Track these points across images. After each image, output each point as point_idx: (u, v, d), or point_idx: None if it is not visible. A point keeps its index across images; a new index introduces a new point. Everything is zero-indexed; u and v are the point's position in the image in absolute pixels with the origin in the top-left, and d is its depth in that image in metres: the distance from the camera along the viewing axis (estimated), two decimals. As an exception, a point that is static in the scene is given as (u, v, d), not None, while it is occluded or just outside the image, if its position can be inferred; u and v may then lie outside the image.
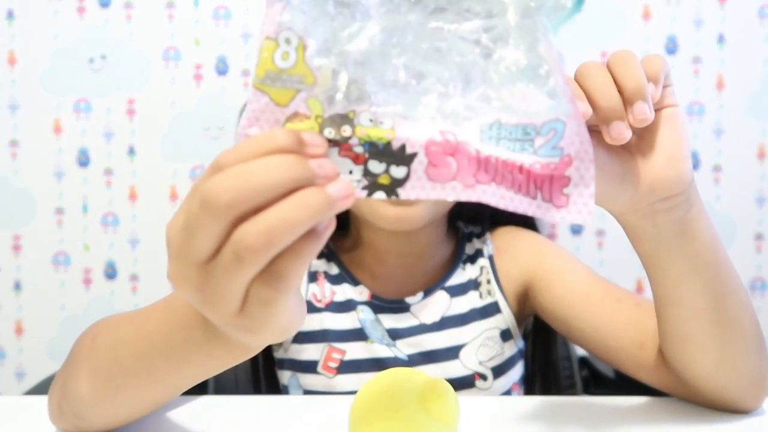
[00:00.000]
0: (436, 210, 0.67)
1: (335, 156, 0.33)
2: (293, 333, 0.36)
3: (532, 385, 0.79)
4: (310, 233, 0.31)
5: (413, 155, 0.33)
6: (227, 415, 0.58)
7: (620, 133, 0.41)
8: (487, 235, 0.76)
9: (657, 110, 0.46)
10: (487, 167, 0.34)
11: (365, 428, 0.45)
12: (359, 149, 0.33)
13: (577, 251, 1.30)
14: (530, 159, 0.34)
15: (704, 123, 1.30)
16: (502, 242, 0.75)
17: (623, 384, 0.65)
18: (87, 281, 1.33)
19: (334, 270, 0.73)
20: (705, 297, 0.51)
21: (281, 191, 0.30)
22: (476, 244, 0.76)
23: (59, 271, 1.33)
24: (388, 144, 0.33)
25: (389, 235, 0.71)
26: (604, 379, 0.83)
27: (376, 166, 0.33)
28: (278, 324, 0.33)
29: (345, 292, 0.71)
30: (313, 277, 0.72)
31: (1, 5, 1.29)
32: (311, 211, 0.29)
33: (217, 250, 0.31)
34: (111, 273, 1.33)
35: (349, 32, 0.33)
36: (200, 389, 0.69)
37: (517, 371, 0.74)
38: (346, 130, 0.33)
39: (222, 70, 1.30)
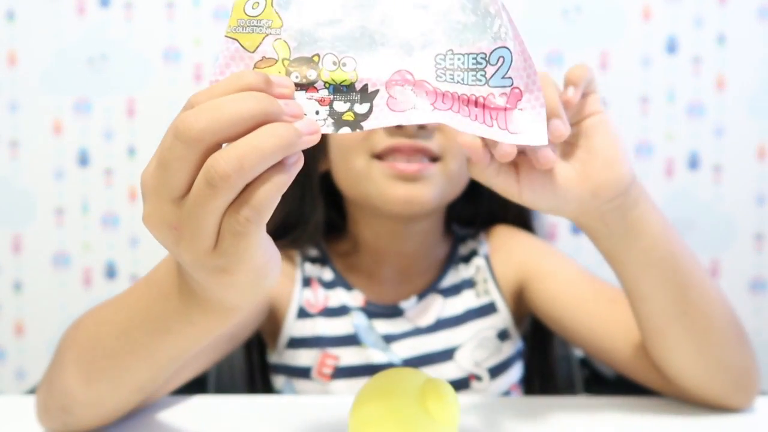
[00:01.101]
0: (442, 193, 0.67)
1: (302, 98, 0.35)
2: (268, 285, 0.37)
3: (530, 386, 0.79)
4: (280, 164, 0.32)
5: (375, 92, 0.36)
6: (226, 415, 0.58)
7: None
8: (482, 235, 0.76)
9: (584, 119, 0.49)
10: (444, 99, 0.36)
11: (365, 428, 0.45)
12: (324, 92, 0.35)
13: (577, 251, 1.30)
14: (484, 91, 0.37)
15: (704, 123, 1.30)
16: (498, 242, 0.75)
17: (623, 384, 0.65)
18: (87, 281, 1.33)
19: (328, 276, 0.73)
20: (666, 290, 0.53)
21: (251, 123, 0.31)
22: (470, 244, 0.76)
23: (59, 271, 1.33)
24: (351, 85, 0.35)
25: (389, 233, 0.71)
26: (604, 379, 0.83)
27: (340, 106, 0.35)
28: (252, 263, 0.34)
29: (339, 297, 0.71)
30: (306, 282, 0.72)
31: (1, 5, 1.29)
32: (280, 141, 0.31)
33: (191, 185, 0.32)
34: (111, 273, 1.33)
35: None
36: (199, 389, 0.69)
37: (516, 372, 0.74)
38: (312, 75, 0.35)
39: (222, 70, 1.30)
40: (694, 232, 1.28)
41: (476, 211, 0.78)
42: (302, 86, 0.35)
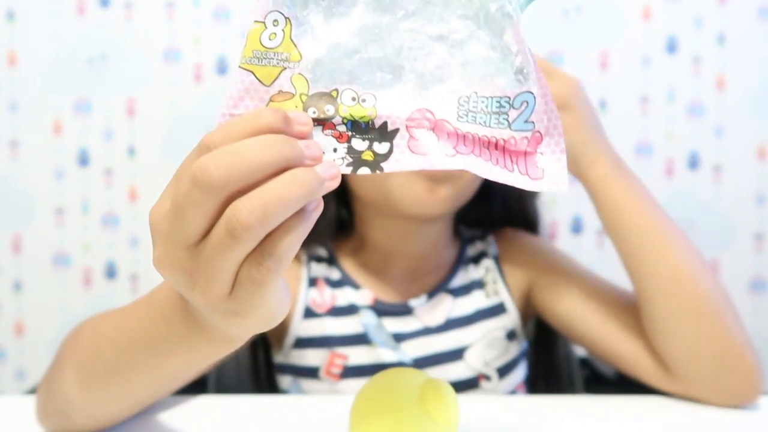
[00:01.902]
0: (458, 196, 0.67)
1: (319, 134, 0.34)
2: (277, 322, 0.36)
3: (534, 386, 0.79)
4: (300, 212, 0.31)
5: (395, 131, 0.34)
6: (227, 415, 0.58)
7: None
8: (490, 238, 0.76)
9: None
10: (465, 141, 0.35)
11: (365, 429, 0.45)
12: (342, 128, 0.34)
13: (577, 251, 1.30)
14: (506, 134, 0.36)
15: (704, 123, 1.30)
16: (507, 244, 0.76)
17: (623, 384, 0.65)
18: (87, 281, 1.33)
19: (336, 275, 0.72)
20: (622, 254, 0.62)
21: (272, 170, 0.30)
22: (479, 246, 0.76)
23: (59, 271, 1.33)
24: (370, 122, 0.34)
25: (400, 234, 0.71)
26: (604, 379, 0.83)
27: (359, 144, 0.34)
28: (266, 308, 0.33)
29: (347, 296, 0.71)
30: (313, 282, 0.72)
31: (1, 5, 1.29)
32: (303, 189, 0.30)
33: (207, 231, 0.31)
34: (111, 273, 1.33)
35: (328, 27, 0.35)
36: (200, 389, 0.69)
37: (521, 372, 0.75)
38: (330, 110, 0.34)
39: (222, 70, 1.30)
40: (694, 232, 1.28)
41: (484, 214, 0.78)
42: (319, 121, 0.34)
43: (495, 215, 0.78)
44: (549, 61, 1.26)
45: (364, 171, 0.34)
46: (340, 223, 0.76)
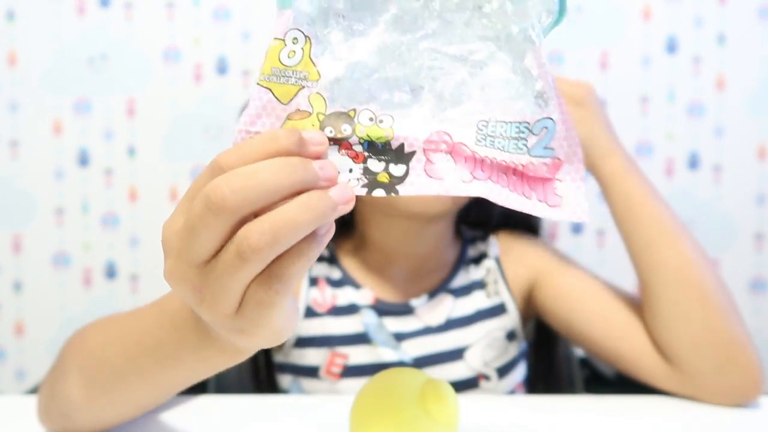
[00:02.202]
0: (456, 199, 0.67)
1: (335, 154, 0.33)
2: (285, 338, 0.36)
3: (534, 386, 0.79)
4: (311, 236, 0.31)
5: (412, 153, 0.34)
6: (227, 415, 0.58)
7: None
8: (492, 238, 0.76)
9: None
10: (482, 167, 0.35)
11: (365, 429, 0.45)
12: (359, 148, 0.33)
13: (577, 251, 1.30)
14: (524, 159, 0.35)
15: (704, 123, 1.30)
16: (508, 244, 0.76)
17: (623, 384, 0.66)
18: (87, 281, 1.33)
19: (336, 274, 0.73)
20: (631, 246, 0.64)
21: (286, 193, 0.30)
22: (480, 246, 0.76)
23: (59, 271, 1.33)
24: (387, 143, 0.34)
25: (402, 234, 0.71)
26: (604, 379, 0.83)
27: (375, 165, 0.33)
28: (272, 327, 0.33)
29: (347, 295, 0.71)
30: (313, 281, 0.72)
31: (1, 5, 1.29)
32: (316, 213, 0.30)
33: (218, 251, 0.31)
34: (111, 273, 1.33)
35: (348, 45, 0.35)
36: (200, 389, 0.69)
37: (521, 372, 0.75)
38: (347, 129, 0.33)
39: (222, 70, 1.30)
40: (694, 232, 1.28)
41: (485, 214, 0.79)
42: (336, 141, 0.33)
43: (496, 216, 0.79)
44: (548, 61, 1.26)
45: (379, 193, 0.33)
46: (341, 222, 0.76)
